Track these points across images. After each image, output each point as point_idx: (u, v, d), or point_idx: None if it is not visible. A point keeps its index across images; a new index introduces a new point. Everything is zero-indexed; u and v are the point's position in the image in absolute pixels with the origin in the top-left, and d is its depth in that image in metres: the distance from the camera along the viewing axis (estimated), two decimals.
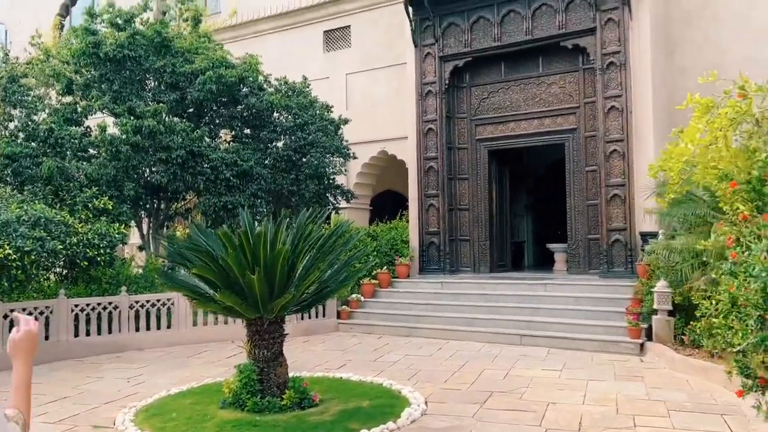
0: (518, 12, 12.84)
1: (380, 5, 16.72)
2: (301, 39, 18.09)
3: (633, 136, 11.73)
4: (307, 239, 6.19)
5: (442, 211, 13.62)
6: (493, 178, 13.98)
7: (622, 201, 11.79)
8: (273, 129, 13.42)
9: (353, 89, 17.18)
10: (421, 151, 13.85)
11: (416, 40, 13.96)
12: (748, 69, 12.57)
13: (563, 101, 12.92)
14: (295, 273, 6.27)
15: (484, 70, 13.74)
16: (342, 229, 6.46)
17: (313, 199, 13.82)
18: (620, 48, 11.80)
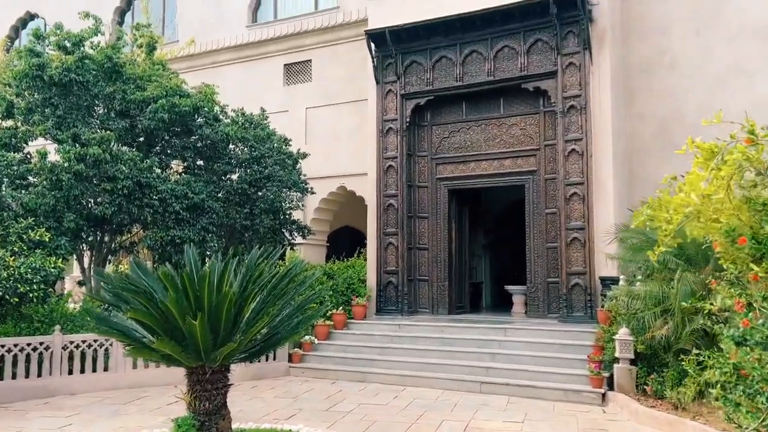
0: (480, 53, 12.83)
1: (342, 41, 16.59)
2: (260, 71, 17.78)
3: (593, 180, 11.69)
4: (258, 280, 5.72)
5: (401, 250, 13.28)
6: (453, 217, 13.76)
7: (582, 245, 11.68)
8: (228, 161, 12.93)
9: (313, 124, 16.89)
10: (381, 188, 13.56)
11: (378, 77, 13.80)
12: (706, 118, 12.84)
13: (524, 143, 12.87)
14: (242, 318, 5.77)
15: (446, 110, 13.64)
16: (296, 269, 6.01)
17: (267, 235, 13.31)
18: (581, 92, 11.84)
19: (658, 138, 12.88)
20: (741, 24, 12.28)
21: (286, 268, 6.03)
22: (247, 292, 5.65)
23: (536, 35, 12.31)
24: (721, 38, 12.45)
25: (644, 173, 12.86)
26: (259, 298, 5.98)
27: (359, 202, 15.86)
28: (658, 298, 8.33)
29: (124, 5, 20.91)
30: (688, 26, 12.75)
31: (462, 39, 12.95)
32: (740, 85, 12.21)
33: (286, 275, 5.92)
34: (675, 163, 12.64)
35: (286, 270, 6.00)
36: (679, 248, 8.61)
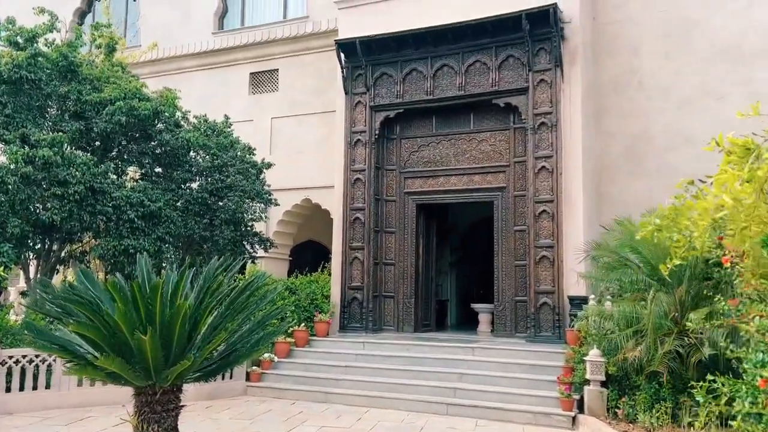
0: (452, 67, 12.65)
1: (310, 51, 16.26)
2: (225, 79, 17.30)
3: (563, 197, 11.56)
4: (216, 293, 5.28)
5: (366, 265, 12.89)
6: (421, 232, 13.47)
7: (550, 263, 11.49)
8: (188, 169, 12.40)
9: (279, 134, 16.45)
10: (348, 202, 13.19)
11: (347, 88, 13.49)
12: (673, 139, 12.92)
13: (493, 159, 12.70)
14: (198, 333, 5.30)
15: (416, 123, 13.40)
16: (258, 282, 5.58)
17: (227, 247, 12.77)
18: (552, 109, 11.74)
19: (627, 157, 12.87)
20: (710, 47, 12.40)
21: (246, 281, 5.59)
22: (204, 306, 5.21)
23: (508, 51, 12.20)
24: (690, 60, 12.55)
25: (612, 192, 12.83)
26: (217, 312, 5.54)
27: (324, 215, 15.45)
28: (630, 319, 8.13)
29: (85, 6, 20.22)
30: (658, 47, 12.82)
31: (433, 52, 12.76)
32: (708, 107, 12.29)
33: (247, 288, 5.49)
34: (643, 182, 12.71)
35: (247, 282, 5.57)
36: (652, 268, 8.49)
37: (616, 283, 8.46)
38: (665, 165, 12.50)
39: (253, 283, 5.54)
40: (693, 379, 7.86)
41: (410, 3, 13.22)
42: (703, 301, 8.16)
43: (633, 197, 12.53)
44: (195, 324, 5.19)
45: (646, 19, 12.98)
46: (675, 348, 7.69)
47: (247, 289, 5.49)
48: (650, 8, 12.96)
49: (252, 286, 5.50)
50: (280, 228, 16.09)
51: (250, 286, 5.50)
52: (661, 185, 12.40)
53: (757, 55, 12.09)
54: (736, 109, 11.97)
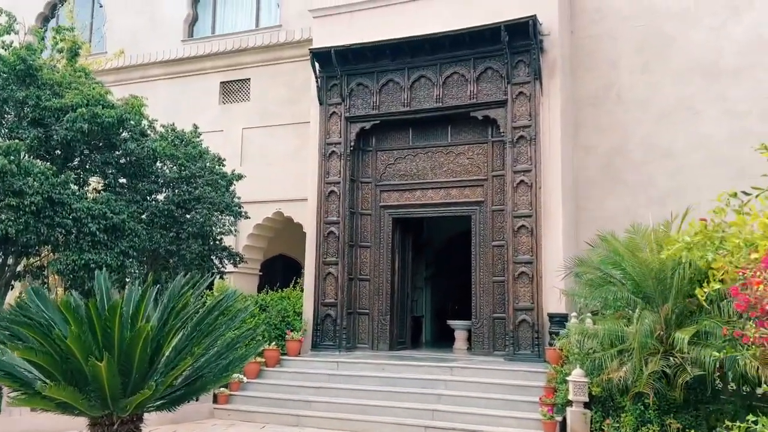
0: (429, 78, 12.40)
1: (283, 61, 15.89)
2: (195, 88, 16.80)
3: (542, 212, 11.34)
4: (181, 313, 4.83)
5: (341, 281, 12.46)
6: (397, 247, 13.11)
7: (529, 279, 11.23)
8: (154, 180, 11.84)
9: (250, 145, 16.01)
10: (322, 215, 12.77)
11: (322, 98, 13.13)
12: (650, 153, 12.83)
13: (471, 172, 12.44)
14: (161, 357, 4.84)
15: (392, 135, 13.09)
16: (227, 301, 5.14)
17: (195, 261, 12.21)
18: (531, 122, 11.55)
19: (604, 171, 12.74)
20: (686, 62, 12.38)
21: (215, 299, 5.16)
22: (168, 327, 4.75)
23: (486, 63, 11.99)
24: (667, 75, 12.50)
25: (590, 206, 12.67)
26: (183, 333, 5.09)
27: (296, 229, 15.01)
28: (615, 338, 7.87)
29: (48, 12, 19.53)
30: (635, 61, 12.77)
31: (410, 63, 12.50)
32: (685, 122, 12.25)
33: (216, 307, 5.06)
34: (621, 197, 12.55)
35: (216, 301, 5.13)
36: (636, 284, 8.27)
37: (600, 301, 8.19)
38: (643, 179, 12.41)
39: (222, 301, 5.11)
40: (680, 401, 7.65)
41: (387, 13, 12.96)
42: (687, 320, 7.96)
43: (611, 212, 12.40)
44: (158, 347, 4.73)
45: (624, 34, 12.93)
46: (661, 368, 7.44)
47: (215, 308, 5.06)
48: (628, 23, 12.92)
49: (221, 305, 5.07)
50: (251, 242, 15.60)
51: (218, 306, 5.07)
52: (639, 200, 12.33)
53: (732, 73, 12.10)
54: (712, 124, 12.03)
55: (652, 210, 11.96)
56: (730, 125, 11.96)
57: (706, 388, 7.57)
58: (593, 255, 8.68)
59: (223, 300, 5.14)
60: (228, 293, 5.24)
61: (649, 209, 11.91)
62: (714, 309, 7.60)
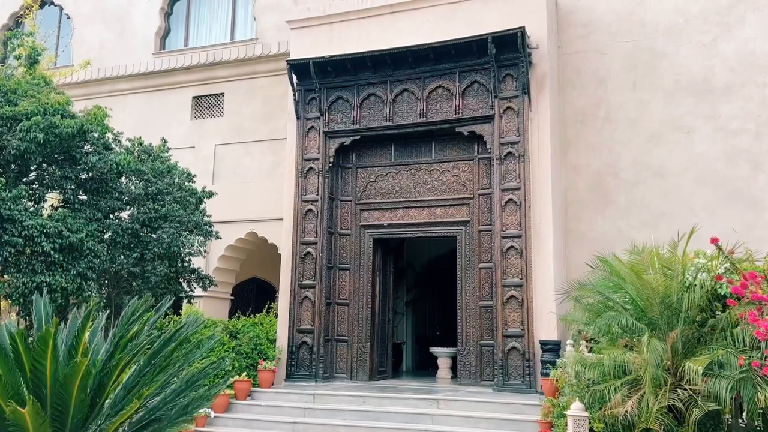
0: (412, 92, 11.82)
1: (259, 75, 15.25)
2: (166, 103, 16.07)
3: (531, 232, 10.74)
4: (130, 345, 4.04)
5: (318, 305, 11.66)
6: (378, 269, 12.37)
7: (519, 304, 10.58)
8: (118, 196, 11.00)
9: (223, 162, 15.26)
10: (298, 235, 12.00)
11: (299, 112, 12.46)
12: (641, 173, 12.36)
13: (456, 191, 11.82)
14: (105, 398, 4.04)
15: (373, 151, 12.45)
16: (189, 329, 4.37)
17: (161, 284, 11.35)
18: (519, 138, 11.01)
19: (594, 191, 12.24)
20: (676, 80, 12.02)
21: (174, 327, 4.38)
22: (114, 362, 3.96)
23: (472, 77, 11.47)
24: (658, 93, 12.12)
25: (579, 228, 12.14)
26: (136, 368, 4.29)
27: (270, 250, 14.23)
28: (619, 369, 7.21)
29: (12, 23, 18.62)
30: (624, 78, 12.37)
31: (393, 76, 11.92)
32: (676, 141, 11.84)
33: (175, 336, 4.27)
34: (612, 218, 12.03)
35: (175, 329, 4.35)
36: (640, 310, 7.65)
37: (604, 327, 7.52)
38: (635, 199, 11.94)
39: (182, 330, 4.33)
40: None
41: (368, 25, 12.42)
42: (695, 349, 7.35)
43: (602, 234, 11.90)
44: (101, 386, 3.93)
45: (612, 50, 12.55)
46: (672, 402, 6.79)
47: (174, 337, 4.27)
48: (616, 39, 12.55)
49: (180, 333, 4.29)
50: (222, 264, 14.76)
51: (178, 334, 4.29)
52: (631, 221, 11.84)
53: (723, 90, 11.76)
54: (705, 142, 11.56)
55: (644, 232, 11.53)
56: (724, 144, 11.58)
57: (720, 425, 6.95)
58: (593, 278, 8.06)
59: (183, 328, 4.36)
60: (189, 320, 4.47)
61: (641, 231, 11.49)
62: (726, 337, 7.01)
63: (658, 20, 12.33)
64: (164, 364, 4.24)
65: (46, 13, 18.28)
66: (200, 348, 4.52)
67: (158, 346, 4.36)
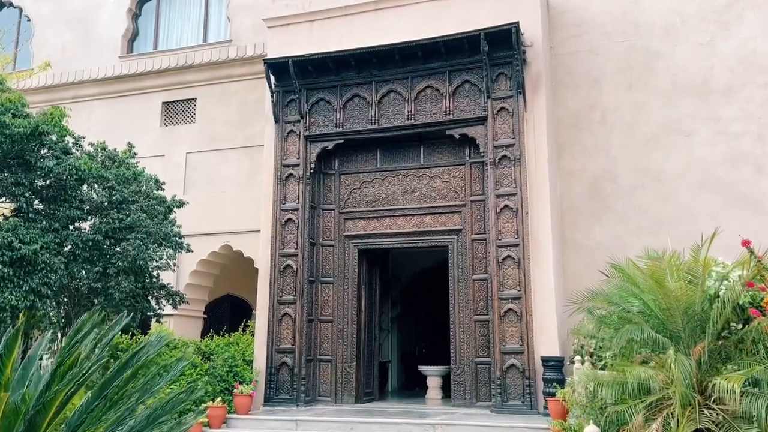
0: (399, 93, 11.09)
1: (234, 79, 14.42)
2: (133, 109, 15.15)
3: (530, 241, 10.02)
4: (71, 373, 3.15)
5: (299, 323, 10.75)
6: (363, 282, 11.52)
7: (517, 317, 9.82)
8: (78, 205, 10.00)
9: (195, 171, 14.34)
10: (277, 246, 11.11)
11: (278, 115, 11.63)
12: (639, 177, 11.76)
13: (447, 197, 11.08)
14: None
15: (358, 156, 11.66)
16: (148, 352, 3.48)
17: (126, 302, 10.32)
18: (514, 141, 10.33)
19: (590, 197, 11.59)
20: (674, 81, 11.49)
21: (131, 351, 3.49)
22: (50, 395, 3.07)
23: (463, 76, 10.79)
24: (655, 94, 11.57)
25: (576, 236, 11.46)
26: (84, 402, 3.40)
27: (247, 264, 13.30)
28: (643, 387, 6.46)
29: None
30: (619, 80, 11.81)
31: (378, 76, 11.18)
32: (676, 144, 11.28)
33: (132, 361, 3.38)
34: (610, 225, 11.37)
35: (133, 352, 3.47)
36: (660, 322, 6.93)
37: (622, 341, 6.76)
38: (632, 206, 11.32)
39: (142, 352, 3.43)
40: None
41: (351, 23, 11.69)
42: (722, 364, 6.65)
43: (599, 242, 11.24)
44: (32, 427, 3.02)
45: (606, 50, 11.99)
46: (705, 425, 6.05)
47: (131, 362, 3.38)
48: (610, 39, 12.01)
49: (140, 357, 3.40)
50: (194, 280, 13.78)
51: (136, 358, 3.39)
52: (630, 228, 11.21)
53: (723, 92, 11.25)
54: (705, 146, 10.90)
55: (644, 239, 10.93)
56: (725, 147, 11.04)
57: None
58: (606, 287, 7.34)
59: (143, 350, 3.47)
60: (150, 341, 3.58)
61: (640, 238, 10.87)
62: (758, 350, 6.32)
63: (654, 20, 11.83)
64: (119, 395, 3.36)
65: (4, 15, 17.25)
66: (165, 374, 3.63)
67: (111, 373, 3.48)
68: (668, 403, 6.44)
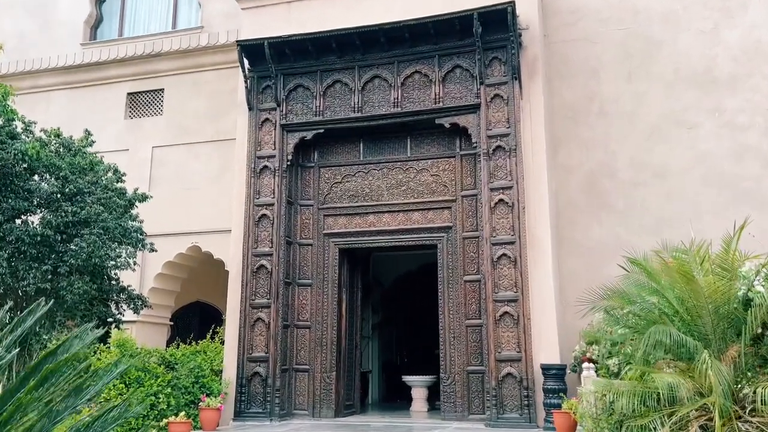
0: (385, 79, 10.23)
1: (205, 68, 13.45)
2: (96, 100, 14.10)
3: (527, 238, 9.20)
4: None
5: (273, 329, 9.76)
6: (344, 285, 10.58)
7: (514, 321, 8.97)
8: (25, 196, 8.94)
9: (162, 166, 13.30)
10: (250, 244, 10.13)
11: (252, 102, 10.69)
12: (640, 173, 11.03)
13: (436, 192, 10.22)
14: None
15: (339, 148, 10.76)
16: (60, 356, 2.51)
17: (80, 305, 9.28)
18: (509, 130, 9.53)
19: (588, 194, 10.83)
20: (676, 69, 10.81)
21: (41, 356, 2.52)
22: None
23: (455, 60, 9.98)
24: (656, 85, 10.87)
25: (573, 235, 10.65)
26: None
27: (217, 267, 12.29)
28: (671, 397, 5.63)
29: None
30: (618, 69, 11.10)
31: (362, 60, 10.32)
32: (679, 137, 10.59)
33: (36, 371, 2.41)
34: (609, 224, 10.53)
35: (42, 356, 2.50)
36: (685, 324, 6.13)
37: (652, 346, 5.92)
38: (634, 203, 10.58)
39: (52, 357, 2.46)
40: None
41: (333, 2, 10.85)
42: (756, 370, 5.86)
43: (598, 241, 10.49)
44: None
45: (604, 38, 11.29)
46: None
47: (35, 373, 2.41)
48: (608, 26, 11.32)
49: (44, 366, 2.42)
50: (159, 284, 12.73)
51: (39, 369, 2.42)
52: (631, 227, 10.46)
53: (728, 82, 10.60)
54: (709, 139, 10.01)
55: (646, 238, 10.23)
56: (730, 140, 10.38)
57: None
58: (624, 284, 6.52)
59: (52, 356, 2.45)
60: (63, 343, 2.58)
61: (642, 237, 10.15)
62: None
63: (653, 6, 11.16)
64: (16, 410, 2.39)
65: None
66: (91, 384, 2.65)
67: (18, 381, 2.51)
68: (697, 414, 5.63)
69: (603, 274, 10.39)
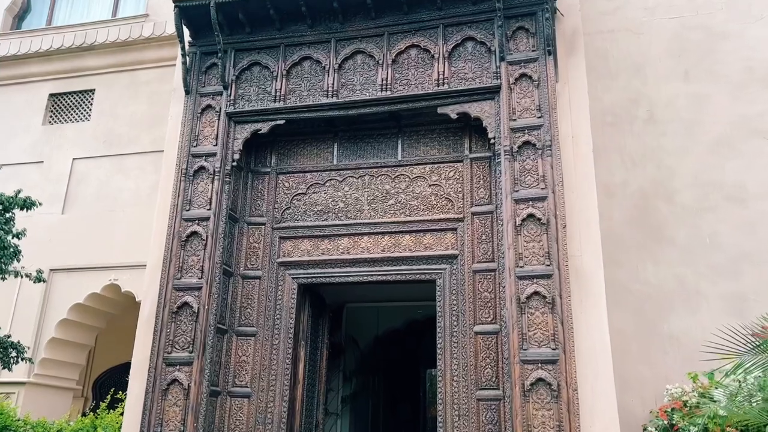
0: (371, 55, 7.59)
1: (146, 65, 10.92)
2: (10, 102, 11.44)
3: (569, 269, 6.35)
4: None
5: (194, 396, 6.60)
6: (304, 338, 7.51)
7: (553, 394, 5.96)
8: None
9: (82, 182, 10.53)
10: (171, 273, 7.11)
11: (190, 84, 7.96)
12: (707, 196, 7.92)
13: (437, 207, 7.37)
14: None
15: (306, 147, 7.97)
16: None
17: None
18: (542, 121, 6.85)
19: (636, 223, 8.12)
20: (747, 67, 8.39)
21: None
22: None
23: (465, 31, 7.38)
24: (721, 85, 8.42)
25: (617, 276, 7.79)
26: None
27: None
28: None
29: None
30: (671, 67, 8.66)
31: (341, 32, 7.71)
32: (757, 151, 8.03)
33: None
34: (667, 262, 6.93)
35: None
36: None
37: None
38: (700, 235, 7.88)
39: None
40: None
41: None
42: None
43: (653, 285, 7.76)
44: None
45: (650, 29, 8.92)
46: None
47: None
48: (655, 15, 8.97)
49: None
50: (63, 334, 9.68)
51: None
52: (698, 266, 7.72)
53: None
54: None
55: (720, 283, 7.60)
56: None
57: None
58: None
59: None
60: None
61: (714, 281, 7.57)
62: None
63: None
64: None
65: None
66: None
67: None
68: None
69: (661, 331, 7.74)
